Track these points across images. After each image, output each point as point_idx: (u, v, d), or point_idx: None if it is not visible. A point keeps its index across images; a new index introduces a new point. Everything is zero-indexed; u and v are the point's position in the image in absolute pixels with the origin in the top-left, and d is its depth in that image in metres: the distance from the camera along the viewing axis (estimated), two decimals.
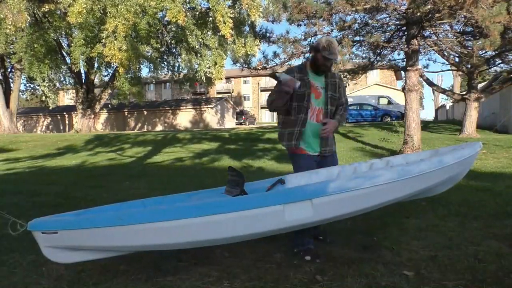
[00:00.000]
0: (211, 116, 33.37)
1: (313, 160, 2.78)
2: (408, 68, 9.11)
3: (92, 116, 24.83)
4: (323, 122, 2.71)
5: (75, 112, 26.90)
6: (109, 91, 24.42)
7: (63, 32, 21.53)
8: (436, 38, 10.69)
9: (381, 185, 2.23)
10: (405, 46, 9.16)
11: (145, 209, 2.33)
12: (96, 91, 25.63)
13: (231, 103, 39.19)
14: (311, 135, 2.74)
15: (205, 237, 2.07)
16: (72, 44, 19.27)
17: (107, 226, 1.95)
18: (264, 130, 18.10)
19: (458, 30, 10.50)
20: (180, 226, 1.99)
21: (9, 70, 26.47)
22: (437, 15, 7.88)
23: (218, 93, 47.49)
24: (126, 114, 35.40)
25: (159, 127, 34.11)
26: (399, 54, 12.11)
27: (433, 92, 30.13)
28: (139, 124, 35.12)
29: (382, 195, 2.29)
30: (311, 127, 2.73)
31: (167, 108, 34.75)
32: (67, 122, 36.00)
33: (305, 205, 2.11)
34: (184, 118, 33.81)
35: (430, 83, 14.72)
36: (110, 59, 16.57)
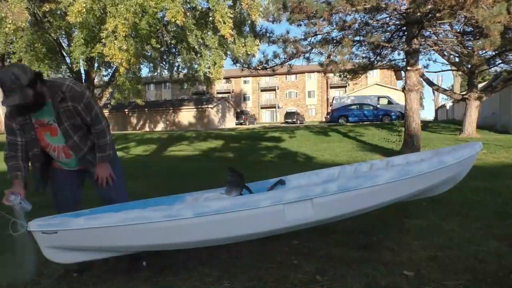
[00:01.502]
0: (212, 116, 33.40)
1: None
2: (408, 68, 9.12)
3: None
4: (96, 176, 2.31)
5: None
6: (110, 90, 24.36)
7: (63, 32, 21.50)
8: (436, 38, 10.71)
9: (381, 185, 2.23)
10: (405, 46, 9.18)
11: (146, 209, 2.33)
12: (97, 91, 25.61)
13: (231, 103, 39.18)
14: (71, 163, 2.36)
15: (205, 237, 2.07)
16: (72, 44, 19.26)
17: (107, 226, 1.95)
18: (266, 129, 18.13)
19: (458, 30, 10.53)
20: (180, 226, 1.99)
21: None
22: (437, 15, 7.90)
23: (218, 93, 47.52)
24: (127, 113, 35.40)
25: (160, 125, 34.21)
26: (399, 54, 12.14)
27: (433, 92, 30.14)
28: (141, 123, 35.14)
29: (382, 195, 2.29)
30: (67, 163, 2.36)
31: (169, 108, 34.79)
32: None
33: (305, 205, 2.11)
34: (185, 117, 33.84)
35: (430, 83, 14.74)
36: (111, 59, 16.56)
